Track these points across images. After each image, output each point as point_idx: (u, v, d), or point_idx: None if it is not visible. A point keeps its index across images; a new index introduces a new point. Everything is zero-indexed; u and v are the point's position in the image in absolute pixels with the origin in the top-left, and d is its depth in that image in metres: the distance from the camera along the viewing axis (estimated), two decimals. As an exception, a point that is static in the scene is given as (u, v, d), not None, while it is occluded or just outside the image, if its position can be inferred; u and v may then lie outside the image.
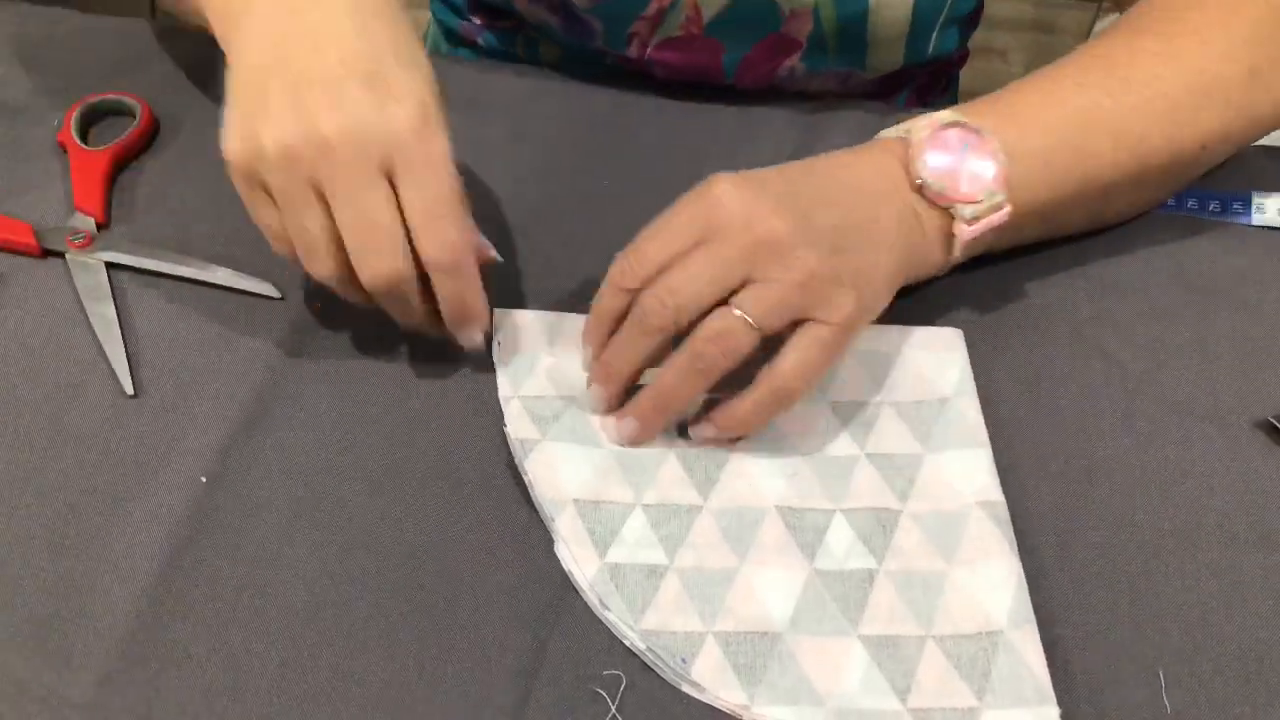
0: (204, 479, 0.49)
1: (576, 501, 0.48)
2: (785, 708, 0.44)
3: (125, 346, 0.54)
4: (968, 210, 0.51)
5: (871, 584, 0.47)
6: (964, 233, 0.52)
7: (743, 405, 0.49)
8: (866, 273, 0.49)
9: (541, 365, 0.54)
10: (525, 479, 0.49)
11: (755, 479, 0.50)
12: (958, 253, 0.53)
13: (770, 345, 0.48)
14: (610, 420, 0.51)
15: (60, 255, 0.57)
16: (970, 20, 0.75)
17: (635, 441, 0.51)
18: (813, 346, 0.47)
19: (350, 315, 0.55)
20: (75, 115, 0.63)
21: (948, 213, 0.52)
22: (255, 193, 0.48)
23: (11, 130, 0.64)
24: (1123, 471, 0.52)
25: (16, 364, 0.53)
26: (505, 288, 0.57)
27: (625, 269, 0.49)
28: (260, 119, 0.46)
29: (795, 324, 0.48)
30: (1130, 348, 0.56)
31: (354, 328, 0.55)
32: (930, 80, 0.77)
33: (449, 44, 0.83)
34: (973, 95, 0.56)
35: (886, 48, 0.67)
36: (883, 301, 0.51)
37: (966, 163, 0.51)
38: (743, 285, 0.47)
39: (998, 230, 0.53)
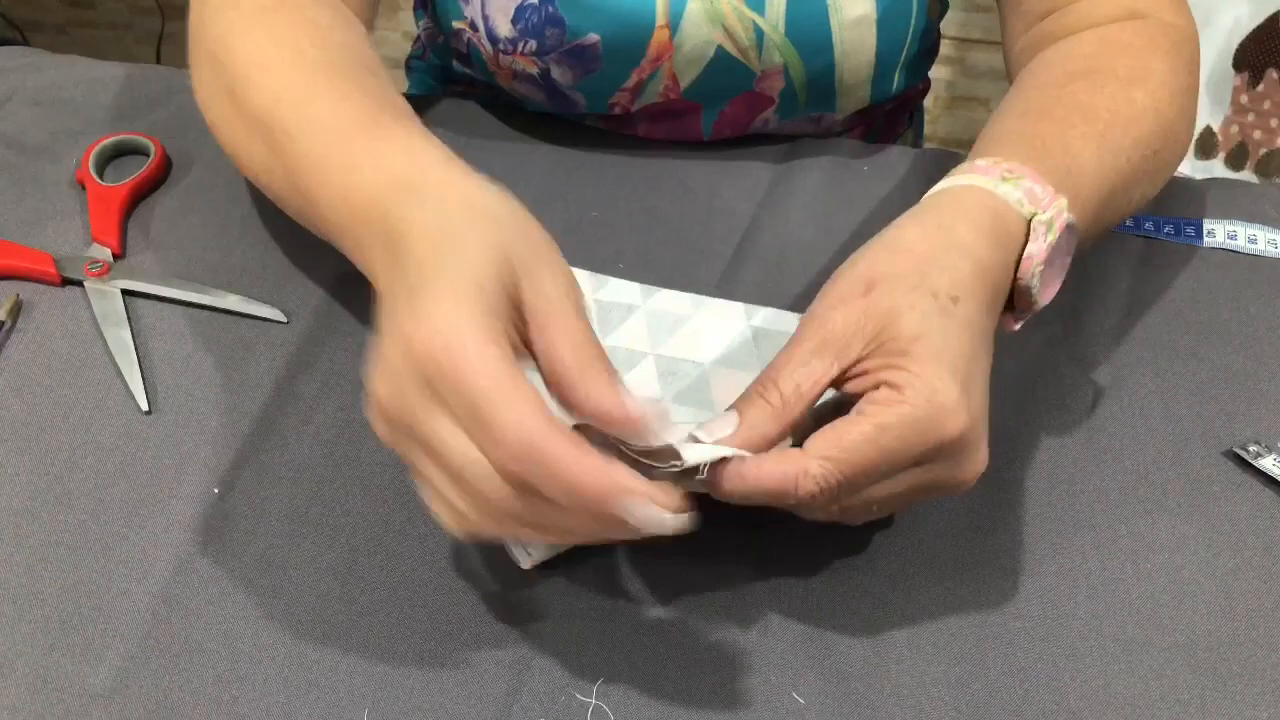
0: (216, 489, 0.52)
1: None
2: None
3: (141, 367, 0.57)
4: (1042, 298, 0.51)
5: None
6: (1034, 309, 0.51)
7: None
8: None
9: None
10: None
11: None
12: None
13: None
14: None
15: (79, 284, 0.61)
16: (929, 53, 0.79)
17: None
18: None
19: (350, 338, 0.58)
20: (93, 154, 0.67)
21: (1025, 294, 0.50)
22: None
23: (33, 168, 0.68)
24: (1084, 478, 0.55)
25: (39, 384, 0.56)
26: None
27: (834, 476, 0.43)
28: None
29: None
30: (1095, 362, 0.60)
31: (354, 349, 0.58)
32: (898, 108, 0.82)
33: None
34: (953, 141, 0.59)
35: (854, 93, 0.71)
36: None
37: (1057, 260, 0.51)
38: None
39: None
